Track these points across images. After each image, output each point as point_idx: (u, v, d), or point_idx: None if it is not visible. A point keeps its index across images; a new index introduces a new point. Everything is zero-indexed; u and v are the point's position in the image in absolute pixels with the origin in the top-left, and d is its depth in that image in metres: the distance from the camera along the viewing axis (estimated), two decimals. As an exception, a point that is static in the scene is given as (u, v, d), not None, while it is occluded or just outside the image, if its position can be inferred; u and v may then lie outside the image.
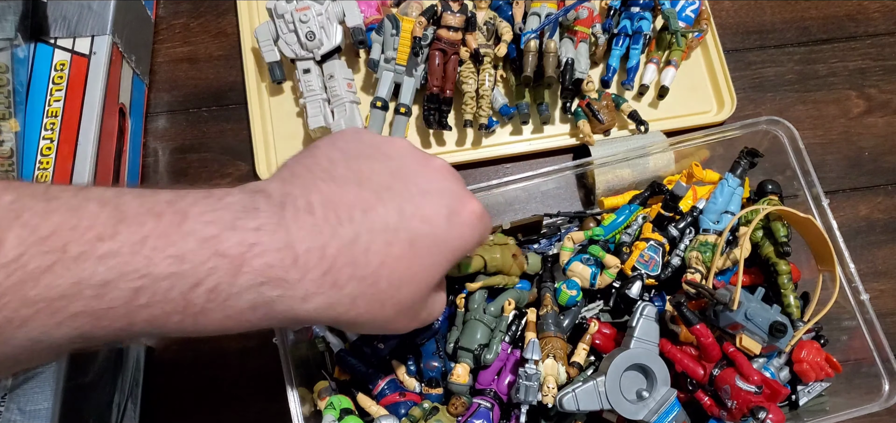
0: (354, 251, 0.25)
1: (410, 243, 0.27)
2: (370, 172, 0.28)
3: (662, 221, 0.53)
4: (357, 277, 0.25)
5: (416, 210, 0.27)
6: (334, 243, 0.25)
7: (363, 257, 0.25)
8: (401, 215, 0.27)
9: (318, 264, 0.24)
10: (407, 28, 0.55)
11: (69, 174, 0.47)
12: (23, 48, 0.49)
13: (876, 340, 0.47)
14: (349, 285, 0.25)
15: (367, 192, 0.26)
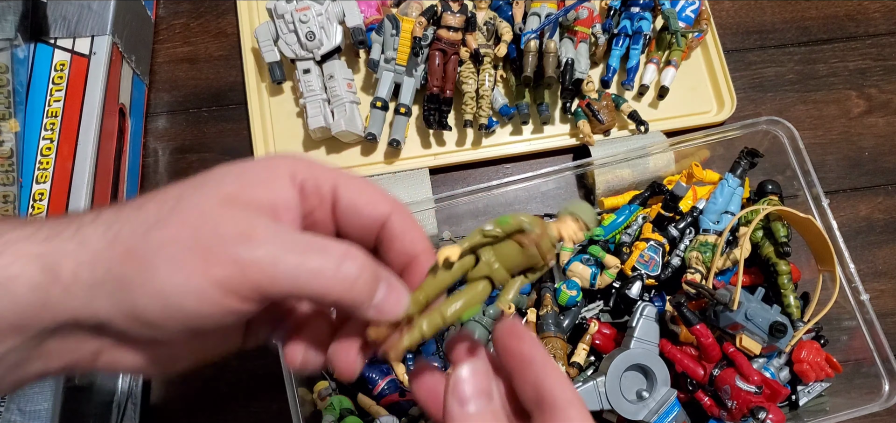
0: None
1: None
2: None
3: (662, 221, 0.53)
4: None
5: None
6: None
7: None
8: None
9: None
10: (407, 28, 0.55)
11: (69, 174, 0.47)
12: (23, 48, 0.49)
13: (876, 340, 0.47)
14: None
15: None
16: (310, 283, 0.22)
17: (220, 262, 0.21)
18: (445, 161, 0.58)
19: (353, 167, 0.58)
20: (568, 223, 0.24)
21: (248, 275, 0.21)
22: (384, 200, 0.26)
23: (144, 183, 0.58)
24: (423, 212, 0.52)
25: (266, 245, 0.21)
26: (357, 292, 0.23)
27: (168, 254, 0.21)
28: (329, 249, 0.22)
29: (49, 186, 0.47)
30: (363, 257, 0.23)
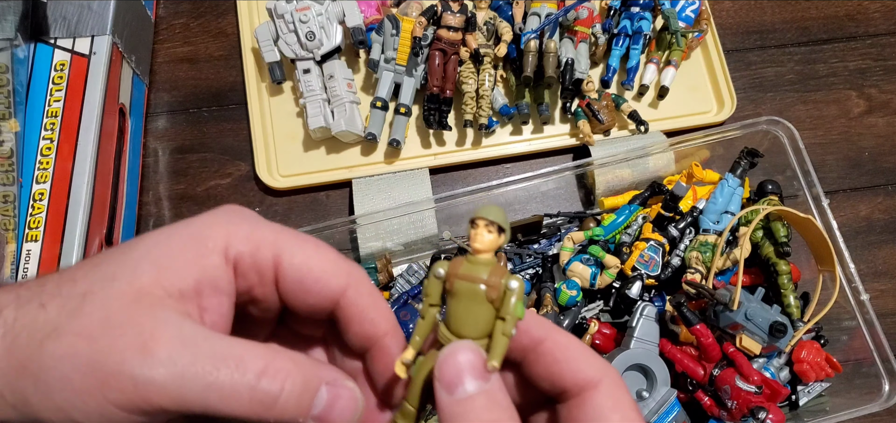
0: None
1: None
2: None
3: (662, 221, 0.53)
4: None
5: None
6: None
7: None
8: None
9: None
10: (407, 28, 0.55)
11: (69, 174, 0.47)
12: (23, 48, 0.49)
13: (876, 340, 0.48)
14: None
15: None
16: (222, 404, 0.19)
17: (115, 385, 0.18)
18: (445, 161, 0.58)
19: (353, 167, 0.58)
20: (479, 231, 0.21)
21: (147, 398, 0.19)
22: (336, 274, 0.22)
23: (144, 183, 0.58)
24: (423, 212, 0.52)
25: (167, 362, 0.19)
26: (283, 410, 0.20)
27: (61, 374, 0.19)
28: (244, 361, 0.19)
29: (49, 186, 0.47)
30: (289, 364, 0.20)
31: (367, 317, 0.23)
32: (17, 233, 0.46)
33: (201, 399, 0.19)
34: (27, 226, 0.46)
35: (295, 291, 0.22)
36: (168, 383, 0.19)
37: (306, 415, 0.20)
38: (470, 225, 0.22)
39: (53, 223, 0.46)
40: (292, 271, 0.22)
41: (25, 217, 0.46)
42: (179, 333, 0.19)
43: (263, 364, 0.20)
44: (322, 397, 0.21)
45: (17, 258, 0.45)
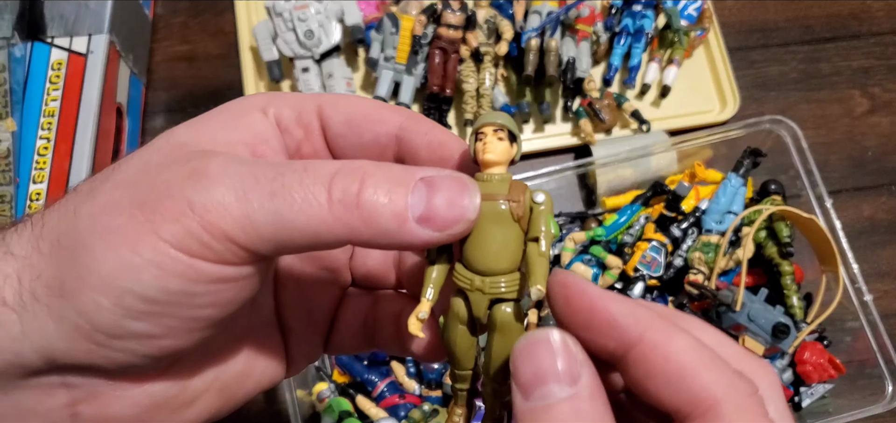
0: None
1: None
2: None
3: (665, 221, 0.53)
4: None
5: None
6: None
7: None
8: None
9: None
10: (406, 26, 0.55)
11: (66, 174, 0.47)
12: (20, 47, 0.49)
13: (879, 341, 0.47)
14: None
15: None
16: (298, 219, 0.15)
17: (169, 216, 0.15)
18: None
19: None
20: (488, 140, 0.18)
21: (210, 224, 0.15)
22: (387, 109, 0.19)
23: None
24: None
25: (225, 181, 0.15)
26: (371, 214, 0.15)
27: (101, 226, 0.15)
28: (312, 165, 0.16)
29: (46, 185, 0.46)
30: (367, 164, 0.16)
31: (435, 141, 0.19)
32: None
33: (273, 218, 0.15)
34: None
35: (347, 137, 0.19)
36: (230, 203, 0.15)
37: (404, 217, 0.16)
38: (474, 138, 0.18)
39: (50, 224, 0.46)
40: (339, 117, 0.19)
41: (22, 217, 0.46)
42: (232, 159, 0.16)
43: (338, 164, 0.16)
44: (420, 191, 0.16)
45: (13, 259, 0.45)
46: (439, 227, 0.16)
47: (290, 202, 0.15)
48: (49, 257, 0.16)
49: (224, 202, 0.15)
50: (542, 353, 0.15)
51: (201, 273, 0.16)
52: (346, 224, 0.16)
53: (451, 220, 0.16)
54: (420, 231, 0.16)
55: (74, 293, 0.15)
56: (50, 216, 0.16)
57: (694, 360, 0.15)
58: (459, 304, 0.19)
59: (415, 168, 0.17)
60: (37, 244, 0.16)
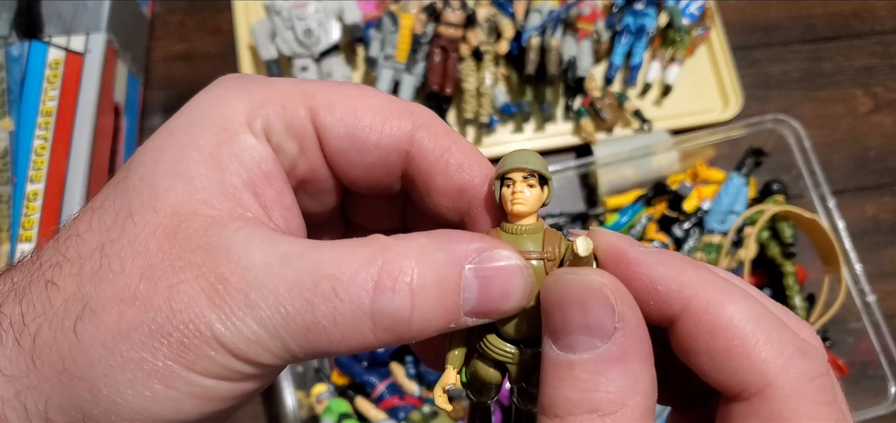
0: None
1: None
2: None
3: (667, 221, 0.52)
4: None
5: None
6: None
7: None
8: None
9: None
10: (406, 25, 0.54)
11: (63, 173, 0.46)
12: (17, 46, 0.48)
13: (882, 342, 0.47)
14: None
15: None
16: (338, 349, 0.14)
17: (199, 352, 0.14)
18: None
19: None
20: (517, 188, 0.16)
21: (246, 358, 0.14)
22: (394, 114, 0.16)
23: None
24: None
25: (252, 309, 0.14)
26: (421, 327, 0.14)
27: (121, 359, 0.14)
28: (346, 277, 0.14)
29: (43, 185, 0.46)
30: (408, 259, 0.14)
31: (453, 162, 0.16)
32: (11, 233, 0.45)
33: (308, 346, 0.14)
34: (21, 226, 0.45)
35: (347, 150, 0.16)
36: (264, 339, 0.14)
37: (457, 317, 0.15)
38: (501, 184, 0.16)
39: (48, 224, 0.45)
40: (338, 128, 0.16)
41: (19, 217, 0.45)
42: (250, 260, 0.14)
43: (375, 273, 0.14)
44: (470, 284, 0.14)
45: (10, 259, 0.44)
46: (491, 316, 0.15)
47: (328, 338, 0.14)
48: (56, 383, 0.14)
49: (257, 339, 0.14)
50: (576, 300, 0.14)
51: (239, 391, 0.15)
52: (394, 342, 0.15)
53: (503, 312, 0.15)
54: (468, 321, 0.15)
55: (102, 421, 0.14)
56: (39, 328, 0.14)
57: (746, 334, 0.14)
58: (488, 369, 0.17)
59: (461, 248, 0.15)
60: (32, 365, 0.14)
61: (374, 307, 0.14)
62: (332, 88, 0.17)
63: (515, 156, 0.16)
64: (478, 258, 0.15)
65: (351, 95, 0.17)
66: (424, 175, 0.17)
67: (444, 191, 0.17)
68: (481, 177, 0.17)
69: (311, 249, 0.14)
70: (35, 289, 0.15)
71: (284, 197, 0.16)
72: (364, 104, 0.17)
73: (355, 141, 0.16)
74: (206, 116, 0.16)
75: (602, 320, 0.14)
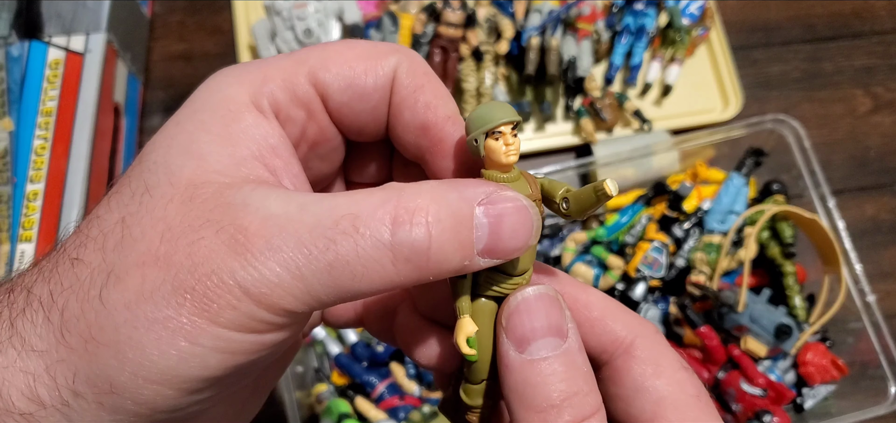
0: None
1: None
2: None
3: (667, 221, 0.52)
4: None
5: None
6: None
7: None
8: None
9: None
10: (406, 25, 0.54)
11: (63, 174, 0.46)
12: (17, 46, 0.48)
13: (882, 342, 0.47)
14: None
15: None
16: (360, 284, 0.14)
17: (224, 302, 0.14)
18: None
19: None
20: (507, 138, 0.17)
21: (267, 304, 0.14)
22: (385, 52, 0.18)
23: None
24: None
25: (272, 251, 0.14)
26: (439, 262, 0.15)
27: (146, 319, 0.14)
28: (364, 214, 0.14)
29: (43, 185, 0.46)
30: (423, 198, 0.15)
31: (422, 100, 0.17)
32: (11, 233, 0.45)
33: (332, 286, 0.14)
34: (21, 226, 0.45)
35: (350, 101, 0.17)
36: (287, 282, 0.14)
37: (470, 255, 0.15)
38: (487, 138, 0.17)
39: (47, 224, 0.45)
40: (338, 83, 0.17)
41: (19, 217, 0.45)
42: (268, 210, 0.15)
43: (392, 209, 0.15)
44: (481, 223, 0.15)
45: (10, 259, 0.44)
46: (501, 256, 0.16)
47: (350, 273, 0.14)
48: (83, 353, 0.14)
49: (281, 282, 0.14)
50: (540, 308, 0.17)
51: (265, 343, 0.15)
52: (412, 277, 0.15)
53: (514, 250, 0.16)
54: (481, 262, 0.16)
55: (129, 389, 0.14)
56: (67, 301, 0.15)
57: (605, 307, 0.18)
58: (493, 308, 0.18)
59: (470, 190, 0.16)
60: (61, 338, 0.14)
61: (393, 239, 0.15)
62: (322, 48, 0.18)
63: (495, 108, 0.17)
64: (487, 199, 0.16)
65: (340, 49, 0.18)
66: (395, 109, 0.18)
67: (409, 126, 0.18)
68: (444, 117, 0.18)
69: (328, 197, 0.15)
70: (61, 268, 0.15)
71: (292, 166, 0.17)
72: (354, 53, 0.18)
73: (355, 89, 0.18)
74: (211, 103, 0.17)
75: (560, 323, 0.17)
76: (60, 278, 0.15)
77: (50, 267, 0.15)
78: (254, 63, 0.18)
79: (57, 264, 0.15)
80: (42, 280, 0.15)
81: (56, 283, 0.15)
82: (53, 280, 0.15)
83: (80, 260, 0.15)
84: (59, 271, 0.15)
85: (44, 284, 0.15)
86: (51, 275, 0.15)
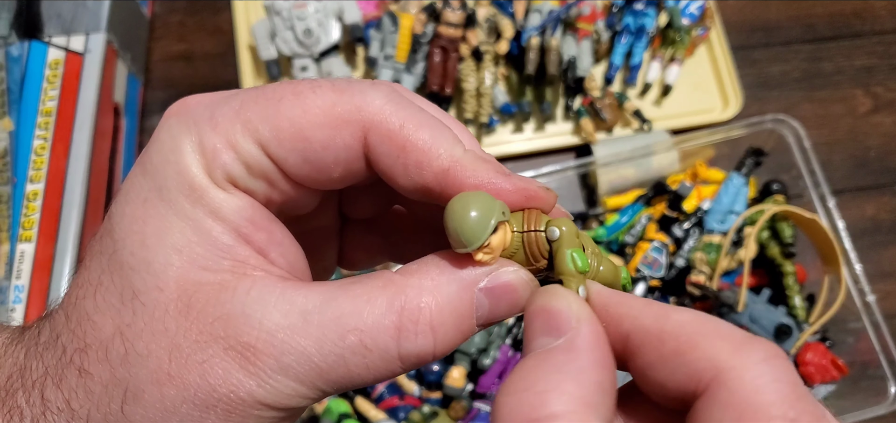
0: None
1: None
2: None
3: (667, 221, 0.52)
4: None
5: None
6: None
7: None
8: None
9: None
10: (406, 24, 0.54)
11: (63, 174, 0.46)
12: (17, 46, 0.48)
13: (882, 342, 0.47)
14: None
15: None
16: (367, 378, 0.15)
17: (244, 415, 0.15)
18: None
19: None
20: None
21: (286, 407, 0.15)
22: (345, 121, 0.16)
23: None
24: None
25: (283, 367, 0.15)
26: (444, 348, 0.16)
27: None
28: (368, 327, 0.15)
29: (43, 185, 0.46)
30: (426, 297, 0.15)
31: (411, 162, 0.16)
32: (11, 234, 0.45)
33: (341, 386, 0.15)
34: (21, 226, 0.45)
35: (309, 174, 0.16)
36: (300, 390, 0.15)
37: (471, 332, 0.16)
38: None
39: (47, 224, 0.45)
40: (289, 154, 0.16)
41: (19, 217, 0.45)
42: (271, 323, 0.15)
43: (396, 320, 0.15)
44: (482, 302, 0.16)
45: (10, 259, 0.44)
46: (496, 322, 0.17)
47: (361, 380, 0.15)
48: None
49: (296, 393, 0.15)
50: (539, 310, 0.15)
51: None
52: (414, 366, 0.16)
53: (509, 316, 0.17)
54: (478, 329, 0.17)
55: None
56: (90, 415, 0.15)
57: (692, 332, 0.14)
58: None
59: (470, 275, 0.16)
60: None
61: (401, 351, 0.15)
62: (272, 107, 0.16)
63: (463, 230, 0.15)
64: (487, 280, 0.16)
65: (293, 112, 0.16)
66: (387, 177, 0.17)
67: (410, 190, 0.17)
68: (442, 170, 0.16)
69: (329, 300, 0.15)
70: (70, 376, 0.15)
71: (274, 234, 0.17)
72: (308, 120, 0.16)
73: (314, 166, 0.16)
74: (170, 178, 0.16)
75: (560, 322, 0.15)
76: (73, 388, 0.15)
77: (56, 369, 0.15)
78: (201, 110, 0.16)
79: (64, 369, 0.15)
80: (52, 385, 0.15)
81: (70, 392, 0.15)
82: (65, 388, 0.15)
83: (89, 373, 0.15)
84: (68, 378, 0.15)
85: (56, 390, 0.15)
86: (61, 380, 0.15)
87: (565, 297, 0.15)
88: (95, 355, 0.15)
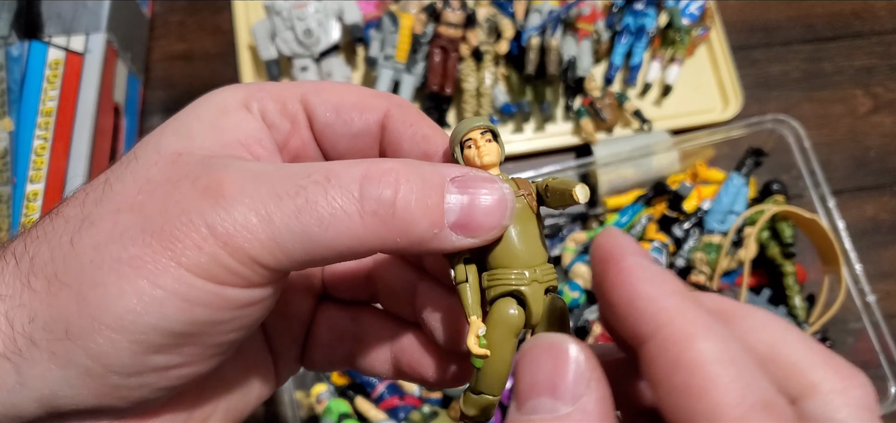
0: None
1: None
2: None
3: (667, 221, 0.52)
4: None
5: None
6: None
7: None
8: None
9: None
10: (406, 25, 0.54)
11: (63, 174, 0.46)
12: (17, 46, 0.48)
13: (882, 342, 0.47)
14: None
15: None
16: (326, 234, 0.14)
17: (190, 242, 0.14)
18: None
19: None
20: (481, 145, 0.18)
21: (235, 247, 0.14)
22: (373, 96, 0.19)
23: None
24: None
25: (244, 198, 0.14)
26: (404, 221, 0.15)
27: (111, 258, 0.14)
28: (336, 170, 0.15)
29: (43, 185, 0.46)
30: (395, 163, 0.15)
31: (419, 133, 0.18)
32: (11, 233, 0.45)
33: (299, 233, 0.14)
34: (21, 226, 0.45)
35: (333, 125, 0.18)
36: (255, 226, 0.14)
37: (439, 224, 0.15)
38: (462, 149, 0.18)
39: (47, 224, 0.45)
40: (325, 106, 0.18)
41: (19, 217, 0.45)
42: (243, 168, 0.15)
43: (363, 168, 0.15)
44: (454, 196, 0.15)
45: (10, 259, 0.44)
46: (475, 233, 0.16)
47: (318, 219, 0.14)
48: (45, 296, 0.14)
49: (248, 226, 0.14)
50: (545, 360, 0.14)
51: (229, 300, 0.15)
52: (380, 235, 0.15)
53: (488, 227, 0.16)
54: (454, 239, 0.16)
55: (84, 335, 0.14)
56: (38, 248, 0.15)
57: (708, 375, 0.12)
58: (506, 309, 0.17)
59: (443, 167, 0.16)
60: (27, 282, 0.14)
61: (362, 192, 0.15)
62: (319, 83, 0.19)
63: (465, 122, 0.18)
64: (461, 175, 0.16)
65: (336, 86, 0.19)
66: (394, 144, 0.19)
67: (410, 156, 0.19)
68: (441, 147, 0.19)
69: (304, 163, 0.16)
70: (41, 224, 0.16)
71: (274, 158, 0.18)
72: (347, 90, 0.19)
73: (342, 115, 0.19)
74: (205, 103, 0.18)
75: (577, 384, 0.13)
76: (37, 232, 0.15)
77: (32, 227, 0.16)
78: (253, 83, 0.19)
79: (39, 222, 0.16)
80: (21, 237, 0.16)
81: (32, 236, 0.15)
82: (31, 234, 0.15)
83: (60, 214, 0.16)
84: (38, 226, 0.16)
85: (20, 239, 0.16)
86: (30, 231, 0.16)
87: (571, 352, 0.14)
88: (75, 200, 0.16)
